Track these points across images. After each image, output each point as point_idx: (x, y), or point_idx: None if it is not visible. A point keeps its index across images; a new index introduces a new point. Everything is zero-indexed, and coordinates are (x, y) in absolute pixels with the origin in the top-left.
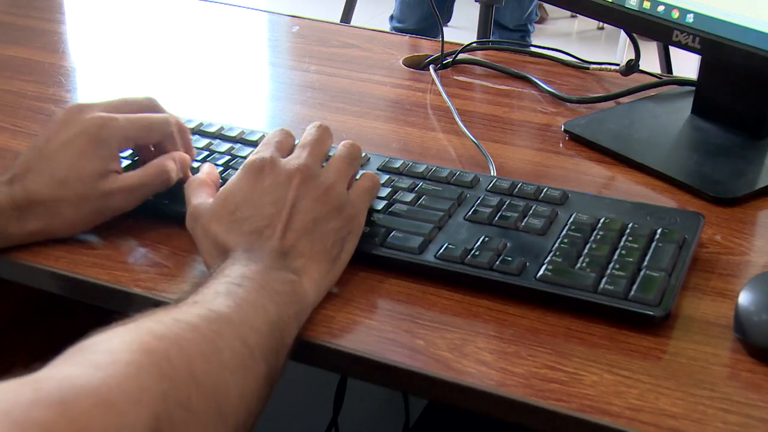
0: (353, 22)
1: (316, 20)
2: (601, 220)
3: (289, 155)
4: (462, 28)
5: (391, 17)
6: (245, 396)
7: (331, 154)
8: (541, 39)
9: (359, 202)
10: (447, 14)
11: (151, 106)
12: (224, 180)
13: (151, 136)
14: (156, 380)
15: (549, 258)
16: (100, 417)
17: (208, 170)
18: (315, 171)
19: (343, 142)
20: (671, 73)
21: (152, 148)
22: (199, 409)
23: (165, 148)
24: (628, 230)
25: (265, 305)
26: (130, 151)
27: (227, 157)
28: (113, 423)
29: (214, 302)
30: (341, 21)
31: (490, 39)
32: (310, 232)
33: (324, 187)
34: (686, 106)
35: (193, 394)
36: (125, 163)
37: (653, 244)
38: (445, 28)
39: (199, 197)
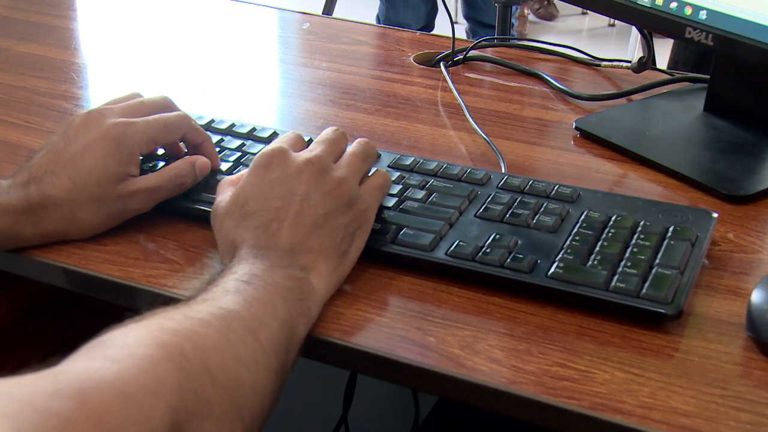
0: (362, 19)
1: (327, 17)
2: (613, 218)
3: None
4: (461, 23)
5: (378, 19)
6: (258, 389)
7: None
8: (551, 36)
9: (370, 198)
10: (434, 12)
11: (166, 105)
12: None
13: (169, 135)
14: (171, 373)
15: (560, 255)
16: (118, 408)
17: (242, 171)
18: (327, 164)
19: (357, 140)
20: (655, 65)
21: (183, 145)
22: (214, 402)
23: (190, 143)
24: (639, 228)
25: (273, 302)
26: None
27: (238, 154)
28: (131, 414)
29: (224, 299)
30: (323, 13)
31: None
32: (320, 227)
33: (336, 181)
34: (698, 103)
35: (208, 387)
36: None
37: (665, 242)
38: (443, 25)
39: (222, 194)
